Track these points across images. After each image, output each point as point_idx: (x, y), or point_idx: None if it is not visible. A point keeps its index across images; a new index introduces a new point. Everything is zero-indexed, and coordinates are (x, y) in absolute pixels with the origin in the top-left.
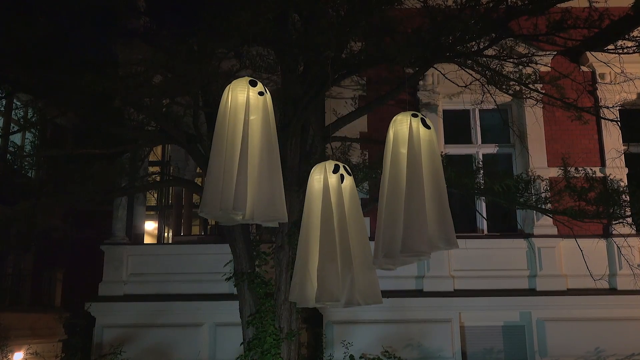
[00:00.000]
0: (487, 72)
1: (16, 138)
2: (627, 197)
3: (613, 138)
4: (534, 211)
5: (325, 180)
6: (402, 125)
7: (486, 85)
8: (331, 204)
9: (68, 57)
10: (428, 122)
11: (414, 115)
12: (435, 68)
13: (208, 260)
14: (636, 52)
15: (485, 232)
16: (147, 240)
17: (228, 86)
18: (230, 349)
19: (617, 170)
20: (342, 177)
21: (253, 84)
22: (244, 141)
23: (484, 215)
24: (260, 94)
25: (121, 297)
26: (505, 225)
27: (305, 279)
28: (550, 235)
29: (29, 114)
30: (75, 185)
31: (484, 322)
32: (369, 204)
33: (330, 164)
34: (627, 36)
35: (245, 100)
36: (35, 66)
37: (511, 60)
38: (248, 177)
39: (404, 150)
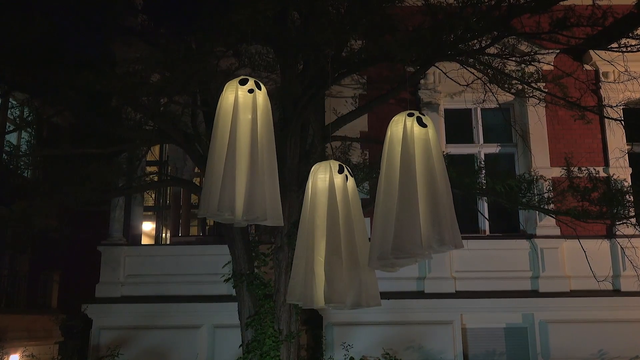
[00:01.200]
0: (489, 70)
1: (12, 137)
2: (631, 197)
3: (617, 137)
4: (537, 211)
5: (331, 179)
6: (398, 126)
7: (488, 84)
8: (337, 204)
9: (65, 56)
10: (425, 120)
11: (410, 115)
12: (436, 67)
13: (206, 261)
14: None
15: (487, 232)
16: (145, 241)
17: (224, 87)
18: (229, 351)
19: (620, 170)
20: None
21: (243, 82)
22: (231, 141)
23: (486, 215)
24: (250, 91)
25: (118, 298)
26: (507, 226)
27: (310, 280)
28: (553, 236)
29: (25, 113)
30: (72, 185)
31: (486, 324)
32: (369, 204)
33: (334, 164)
34: (630, 34)
35: (234, 100)
36: (32, 65)
37: (513, 58)
38: (237, 177)
39: (398, 150)
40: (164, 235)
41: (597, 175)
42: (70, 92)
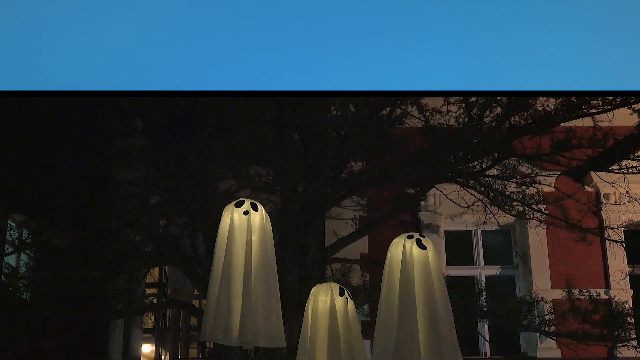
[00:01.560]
0: (489, 192)
1: (11, 259)
2: (632, 319)
3: (618, 259)
4: (538, 334)
5: (332, 302)
6: (398, 248)
7: (489, 206)
8: (338, 327)
9: (63, 179)
10: (425, 242)
11: (409, 237)
12: (437, 188)
13: None
14: None
15: (488, 354)
16: None
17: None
18: None
19: (622, 292)
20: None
21: (239, 204)
22: (226, 264)
23: (487, 337)
24: (245, 213)
25: None
26: (508, 348)
27: None
28: (554, 358)
29: (23, 235)
30: (71, 309)
31: None
32: (370, 327)
33: (335, 286)
34: (632, 156)
35: (230, 223)
36: (31, 188)
37: (514, 180)
38: (232, 300)
39: (398, 272)
40: (163, 357)
41: (598, 297)
42: (69, 215)
